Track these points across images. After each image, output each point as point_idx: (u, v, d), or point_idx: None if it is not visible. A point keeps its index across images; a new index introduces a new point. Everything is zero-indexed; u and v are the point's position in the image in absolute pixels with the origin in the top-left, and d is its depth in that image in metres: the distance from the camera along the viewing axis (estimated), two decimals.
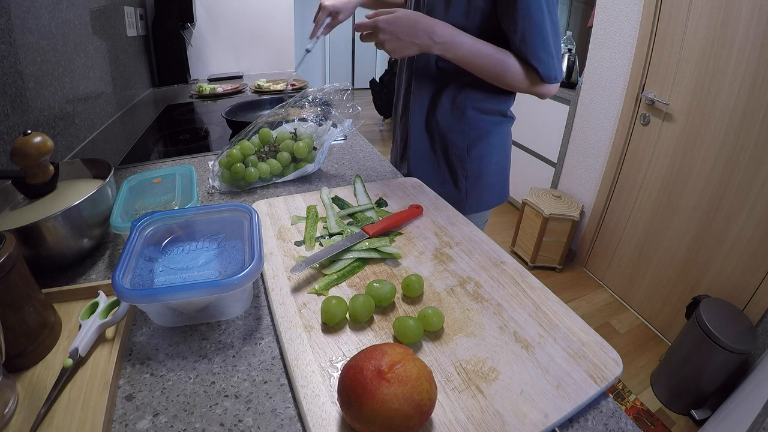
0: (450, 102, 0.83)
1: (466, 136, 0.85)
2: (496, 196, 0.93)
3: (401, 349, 0.33)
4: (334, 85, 0.84)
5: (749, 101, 1.31)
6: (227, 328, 0.44)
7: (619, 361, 0.39)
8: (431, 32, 0.69)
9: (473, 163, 0.87)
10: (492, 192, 0.92)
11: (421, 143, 0.89)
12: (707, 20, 1.39)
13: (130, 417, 0.35)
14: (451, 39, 0.70)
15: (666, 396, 1.44)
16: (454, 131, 0.85)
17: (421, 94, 0.86)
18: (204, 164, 0.88)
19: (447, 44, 0.70)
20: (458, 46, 0.71)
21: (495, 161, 0.89)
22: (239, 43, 2.09)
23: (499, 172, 0.92)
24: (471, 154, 0.86)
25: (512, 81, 0.74)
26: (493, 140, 0.87)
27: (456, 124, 0.84)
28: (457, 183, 0.89)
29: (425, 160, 0.90)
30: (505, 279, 0.50)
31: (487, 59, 0.72)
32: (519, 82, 0.74)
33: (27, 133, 0.51)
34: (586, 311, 1.86)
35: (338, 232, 0.59)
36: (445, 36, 0.70)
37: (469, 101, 0.82)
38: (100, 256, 0.57)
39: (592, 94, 1.92)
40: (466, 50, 0.72)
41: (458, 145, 0.86)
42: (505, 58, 0.72)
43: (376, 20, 0.69)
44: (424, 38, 0.69)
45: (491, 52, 0.72)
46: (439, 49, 0.71)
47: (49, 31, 0.89)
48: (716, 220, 1.46)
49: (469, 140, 0.85)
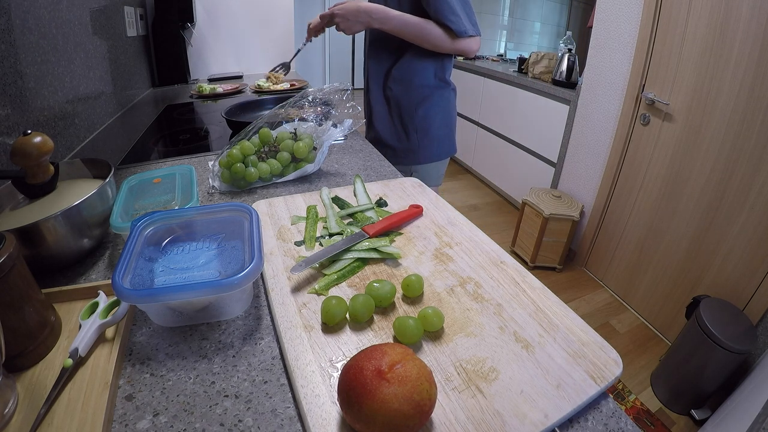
0: (399, 75, 1.08)
1: (412, 99, 1.09)
2: (444, 149, 1.18)
3: (401, 349, 0.33)
4: (334, 85, 0.84)
5: (749, 101, 1.31)
6: (227, 328, 0.44)
7: (619, 361, 0.39)
8: (369, 12, 0.97)
9: (420, 120, 1.11)
10: (440, 145, 1.16)
11: (381, 109, 1.14)
12: (707, 20, 1.39)
13: (130, 417, 0.35)
14: (385, 14, 0.97)
15: (666, 396, 1.44)
16: (403, 96, 1.10)
17: (377, 72, 1.12)
18: (204, 164, 0.88)
19: (382, 19, 0.97)
20: (390, 19, 0.97)
21: (439, 119, 1.13)
22: (239, 43, 2.09)
23: (444, 128, 1.16)
24: (418, 113, 1.10)
25: (436, 40, 0.98)
26: (436, 101, 1.11)
27: (404, 91, 1.09)
28: (409, 137, 1.12)
29: (385, 122, 1.14)
30: (505, 279, 0.50)
31: (413, 26, 0.97)
32: (441, 40, 0.97)
33: (27, 133, 0.51)
34: (586, 311, 1.85)
35: (338, 232, 0.59)
36: (379, 13, 0.97)
37: (413, 73, 1.07)
38: (100, 256, 0.57)
39: (592, 94, 1.92)
40: (396, 21, 0.97)
41: (407, 106, 1.10)
42: (425, 23, 0.96)
43: (332, 8, 1.01)
44: (364, 17, 0.97)
45: (416, 21, 0.96)
46: (377, 24, 0.97)
47: (49, 30, 0.89)
48: (716, 220, 1.46)
49: (415, 102, 1.09)
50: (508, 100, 2.54)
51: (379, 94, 1.13)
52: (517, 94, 2.45)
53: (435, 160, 1.17)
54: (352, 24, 0.98)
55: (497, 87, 2.63)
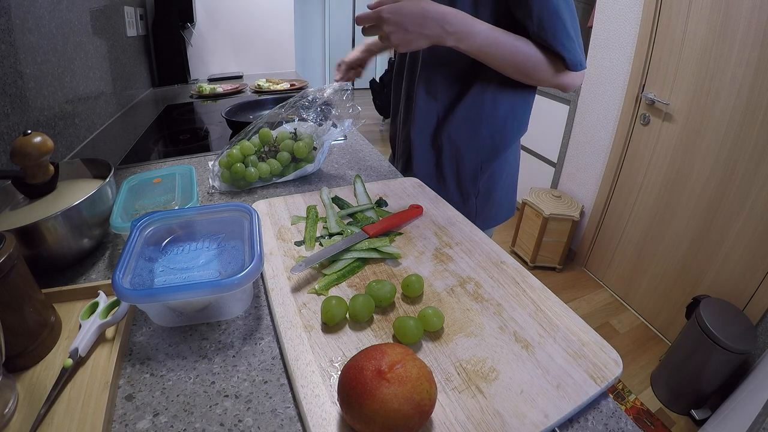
0: (465, 117, 0.74)
1: (480, 151, 0.76)
2: (504, 211, 0.87)
3: (401, 349, 0.33)
4: (334, 85, 0.84)
5: (749, 101, 1.31)
6: (227, 328, 0.44)
7: (619, 361, 0.39)
8: (442, 20, 0.61)
9: (485, 181, 0.79)
10: (501, 208, 0.86)
11: (427, 159, 0.79)
12: (707, 20, 1.39)
13: (130, 417, 0.35)
14: (466, 27, 0.62)
15: (666, 396, 1.44)
16: (467, 146, 0.76)
17: (429, 101, 0.75)
18: (204, 164, 0.88)
19: (461, 33, 0.62)
20: (474, 35, 0.62)
21: (506, 176, 0.82)
22: (239, 43, 2.09)
23: (509, 187, 0.85)
24: (483, 172, 0.78)
25: (537, 72, 0.67)
26: (509, 154, 0.79)
27: (469, 139, 0.75)
28: (467, 203, 0.81)
29: (429, 180, 0.80)
30: (505, 279, 0.50)
31: (507, 48, 0.64)
32: (544, 72, 0.67)
33: (27, 133, 0.51)
34: (586, 311, 1.86)
35: (338, 232, 0.59)
36: (458, 24, 0.61)
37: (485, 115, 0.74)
38: (100, 256, 0.57)
39: (592, 94, 1.92)
40: (483, 39, 0.63)
41: (471, 162, 0.77)
42: (527, 46, 0.65)
43: (379, 10, 0.61)
44: (434, 28, 0.61)
45: (512, 41, 0.64)
46: (453, 40, 0.63)
47: (49, 31, 0.89)
48: (716, 220, 1.46)
49: (484, 156, 0.77)
50: None
51: (426, 136, 0.80)
52: None
53: (492, 227, 0.87)
54: (412, 37, 0.62)
55: None
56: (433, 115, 0.77)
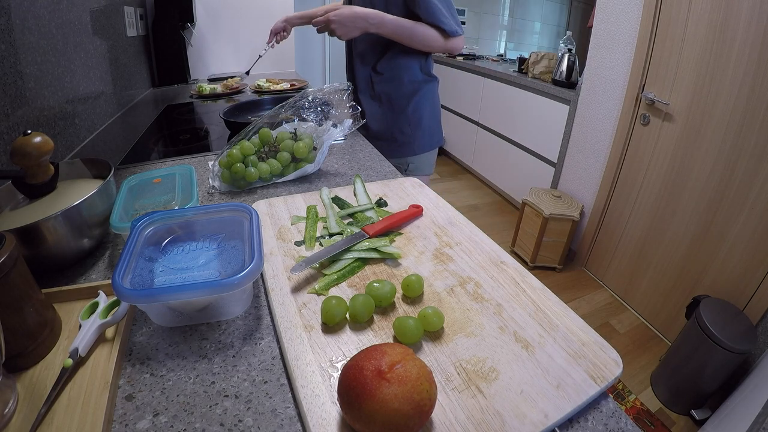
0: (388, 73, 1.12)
1: (402, 94, 1.14)
2: (435, 138, 1.25)
3: (401, 349, 0.33)
4: (334, 85, 0.84)
5: (749, 101, 1.31)
6: (227, 328, 0.44)
7: (619, 361, 0.39)
8: (366, 17, 0.98)
9: (412, 114, 1.16)
10: (431, 135, 1.23)
11: (373, 106, 1.18)
12: (707, 20, 1.39)
13: (130, 417, 0.35)
14: (381, 19, 0.99)
15: (666, 396, 1.44)
16: (394, 93, 1.14)
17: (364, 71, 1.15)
18: (204, 164, 0.88)
19: (378, 24, 0.99)
20: (386, 23, 0.99)
21: (428, 111, 1.19)
22: (239, 43, 2.09)
23: (433, 119, 1.22)
24: (409, 107, 1.15)
25: (429, 41, 1.03)
26: (424, 95, 1.16)
27: (395, 88, 1.14)
28: (403, 131, 1.18)
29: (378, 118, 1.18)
30: (505, 279, 0.50)
31: (408, 29, 1.01)
32: (433, 41, 1.03)
33: (27, 133, 0.51)
34: (586, 311, 1.85)
35: (338, 232, 0.59)
36: (376, 18, 0.98)
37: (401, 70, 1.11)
38: (100, 256, 0.57)
39: (592, 94, 1.92)
40: (392, 25, 1.00)
41: (399, 102, 1.15)
42: (419, 26, 1.01)
43: (327, 15, 0.97)
44: (361, 22, 0.98)
45: (410, 24, 1.00)
46: (374, 28, 0.99)
47: (49, 31, 0.89)
48: (716, 220, 1.46)
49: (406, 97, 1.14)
50: (508, 100, 2.54)
51: (367, 92, 1.17)
52: (517, 94, 2.45)
53: (428, 150, 1.24)
54: (349, 30, 0.98)
55: (497, 87, 2.63)
56: (368, 75, 1.16)
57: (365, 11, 0.98)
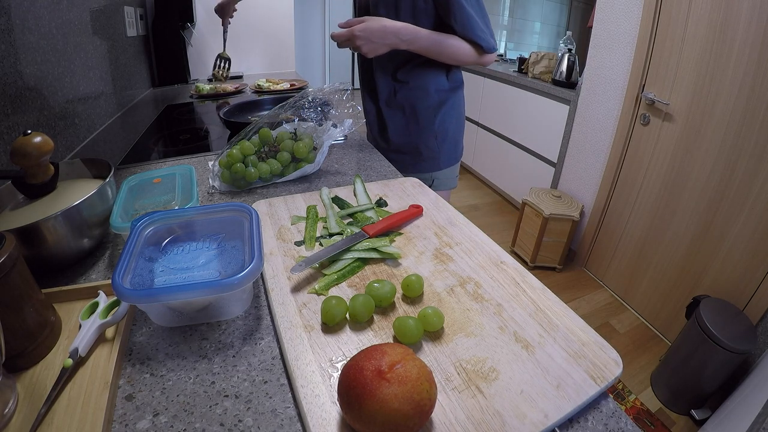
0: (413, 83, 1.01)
1: (429, 105, 1.04)
2: (459, 151, 1.15)
3: (401, 349, 0.33)
4: (334, 85, 0.84)
5: (749, 101, 1.31)
6: (227, 328, 0.44)
7: (619, 361, 0.39)
8: (397, 33, 0.85)
9: (439, 126, 1.06)
10: (456, 148, 1.13)
11: (396, 119, 1.07)
12: (707, 20, 1.39)
13: (130, 417, 0.35)
14: (414, 35, 0.87)
15: (666, 396, 1.44)
16: (420, 104, 1.03)
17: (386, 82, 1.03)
18: (204, 164, 0.88)
19: (411, 40, 0.87)
20: (420, 39, 0.88)
21: (455, 122, 1.09)
22: (239, 43, 2.09)
23: (458, 131, 1.13)
24: (436, 119, 1.05)
25: (463, 57, 0.93)
26: (451, 105, 1.07)
27: (420, 98, 1.02)
28: (429, 144, 1.07)
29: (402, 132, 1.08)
30: (505, 279, 0.50)
31: (444, 46, 0.90)
32: (468, 57, 0.93)
33: (27, 133, 0.51)
34: (586, 311, 1.85)
35: (338, 232, 0.59)
36: (409, 34, 0.86)
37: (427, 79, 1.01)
38: (100, 256, 0.57)
39: (592, 94, 1.92)
40: (426, 41, 0.89)
41: (425, 113, 1.04)
42: (455, 41, 0.90)
43: (352, 29, 0.84)
44: (392, 38, 0.85)
45: (444, 39, 0.89)
46: (405, 45, 0.87)
47: (49, 31, 0.89)
48: (716, 220, 1.46)
49: (433, 108, 1.04)
50: (508, 100, 2.54)
51: (390, 102, 1.06)
52: (517, 94, 2.45)
53: (453, 163, 1.14)
54: (377, 47, 0.85)
55: (497, 87, 2.63)
56: (390, 87, 1.04)
57: (397, 26, 0.85)
